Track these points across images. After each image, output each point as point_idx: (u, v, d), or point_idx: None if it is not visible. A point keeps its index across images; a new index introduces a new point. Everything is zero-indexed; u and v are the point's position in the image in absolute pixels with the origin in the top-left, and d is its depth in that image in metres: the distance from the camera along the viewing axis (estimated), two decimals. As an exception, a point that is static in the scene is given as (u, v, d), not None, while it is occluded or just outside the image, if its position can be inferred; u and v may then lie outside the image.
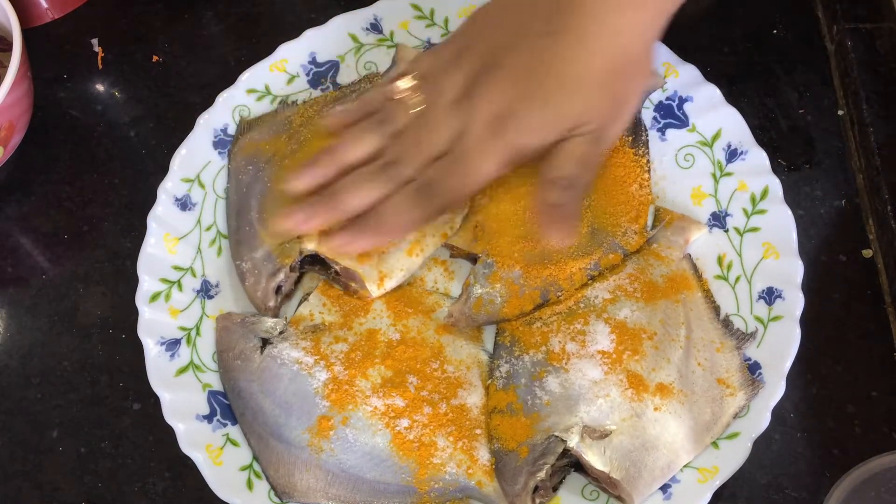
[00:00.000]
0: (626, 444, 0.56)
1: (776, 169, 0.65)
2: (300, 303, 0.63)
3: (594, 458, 0.55)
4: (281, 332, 0.61)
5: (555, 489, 0.57)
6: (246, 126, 0.68)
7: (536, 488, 0.56)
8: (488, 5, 0.58)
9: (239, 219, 0.65)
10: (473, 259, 0.63)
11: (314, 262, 0.63)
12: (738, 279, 0.63)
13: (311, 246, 0.61)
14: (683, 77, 0.68)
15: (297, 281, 0.64)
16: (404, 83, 0.58)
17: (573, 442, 0.56)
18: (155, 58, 0.77)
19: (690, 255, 0.63)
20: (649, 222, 0.64)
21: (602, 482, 0.57)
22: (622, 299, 0.60)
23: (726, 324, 0.61)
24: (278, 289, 0.62)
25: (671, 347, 0.59)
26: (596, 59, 0.54)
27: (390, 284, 0.62)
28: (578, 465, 0.57)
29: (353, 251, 0.60)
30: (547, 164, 0.56)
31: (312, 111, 0.68)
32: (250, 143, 0.67)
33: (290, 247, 0.62)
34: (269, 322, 0.62)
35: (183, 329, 0.63)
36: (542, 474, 0.55)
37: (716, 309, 0.61)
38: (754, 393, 0.58)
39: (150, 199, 0.65)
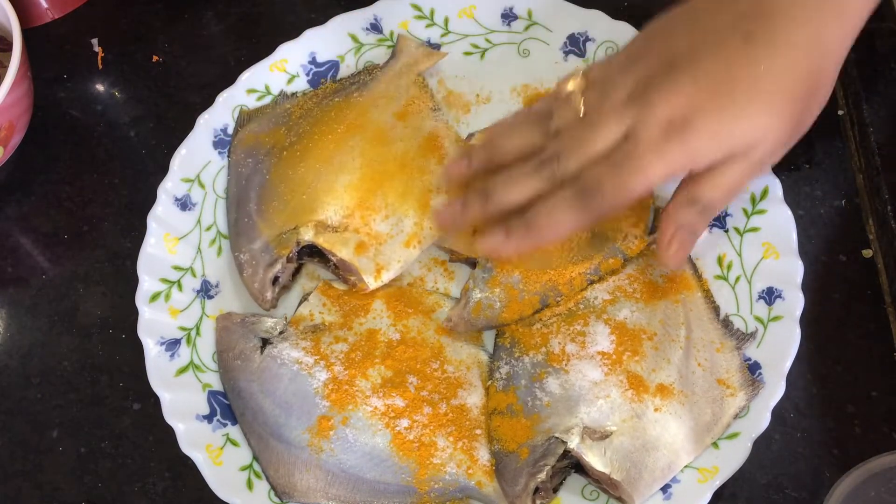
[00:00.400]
0: (627, 445, 0.56)
1: (776, 169, 0.64)
2: (300, 303, 0.63)
3: (595, 459, 0.55)
4: (281, 332, 0.61)
5: (555, 490, 0.57)
6: (245, 118, 0.68)
7: (537, 489, 0.55)
8: (671, 12, 0.54)
9: (238, 210, 0.65)
10: (472, 263, 0.63)
11: (312, 253, 0.63)
12: (738, 279, 0.63)
13: (308, 236, 0.61)
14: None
15: (296, 272, 0.64)
16: (571, 84, 0.55)
17: (573, 443, 0.56)
18: (155, 58, 0.77)
19: (690, 256, 0.63)
20: (650, 223, 0.64)
21: (603, 483, 0.57)
22: (622, 300, 0.60)
23: (726, 324, 0.61)
24: (275, 280, 0.63)
25: (671, 348, 0.59)
26: (792, 74, 0.50)
27: (387, 276, 0.62)
28: (579, 467, 0.57)
29: (506, 252, 0.56)
30: (695, 183, 0.53)
31: (312, 103, 0.68)
32: (250, 135, 0.67)
33: (288, 237, 0.62)
34: (269, 322, 0.62)
35: (183, 329, 0.63)
36: (542, 475, 0.55)
37: (716, 309, 0.61)
38: (754, 393, 0.58)
39: (150, 199, 0.65)
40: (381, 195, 0.63)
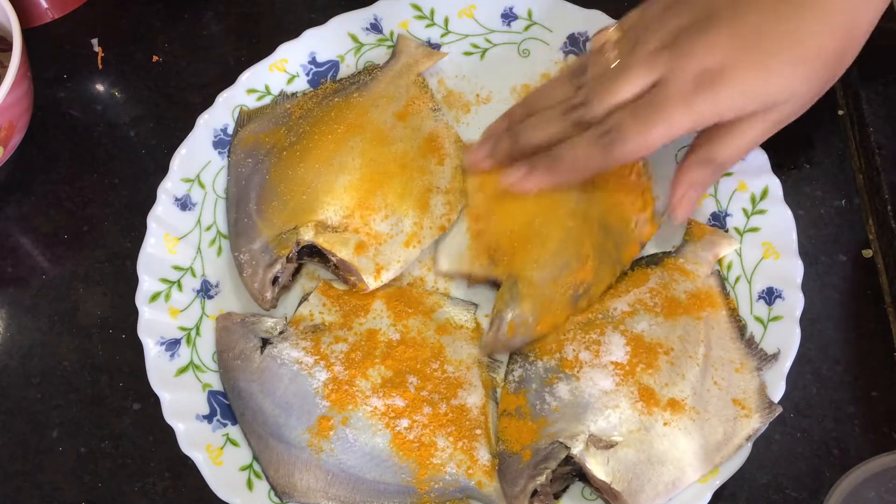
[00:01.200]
0: (632, 457, 0.55)
1: (776, 169, 0.65)
2: (300, 303, 0.63)
3: (597, 467, 0.55)
4: (281, 332, 0.61)
5: (556, 496, 0.57)
6: (245, 118, 0.68)
7: (535, 492, 0.55)
8: None
9: (238, 210, 0.65)
10: (495, 284, 0.62)
11: (312, 253, 0.63)
12: (738, 279, 0.63)
13: (308, 236, 0.61)
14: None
15: (296, 273, 0.64)
16: (605, 36, 0.55)
17: (577, 449, 0.55)
18: (155, 58, 0.77)
19: (719, 272, 0.63)
20: (660, 205, 0.64)
21: (604, 493, 0.56)
22: (641, 312, 0.60)
23: (749, 343, 0.60)
24: (275, 280, 0.62)
25: (687, 364, 0.58)
26: (833, 38, 0.51)
27: (387, 276, 0.62)
28: (582, 475, 0.57)
29: (527, 188, 0.57)
30: (710, 142, 0.53)
31: (312, 103, 0.68)
32: (250, 135, 0.67)
33: (287, 237, 0.62)
34: (269, 322, 0.62)
35: (183, 329, 0.63)
36: (542, 478, 0.55)
37: (741, 329, 0.60)
38: (770, 416, 0.57)
39: (150, 199, 0.65)
40: (380, 195, 0.63)
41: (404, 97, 0.67)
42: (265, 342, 0.61)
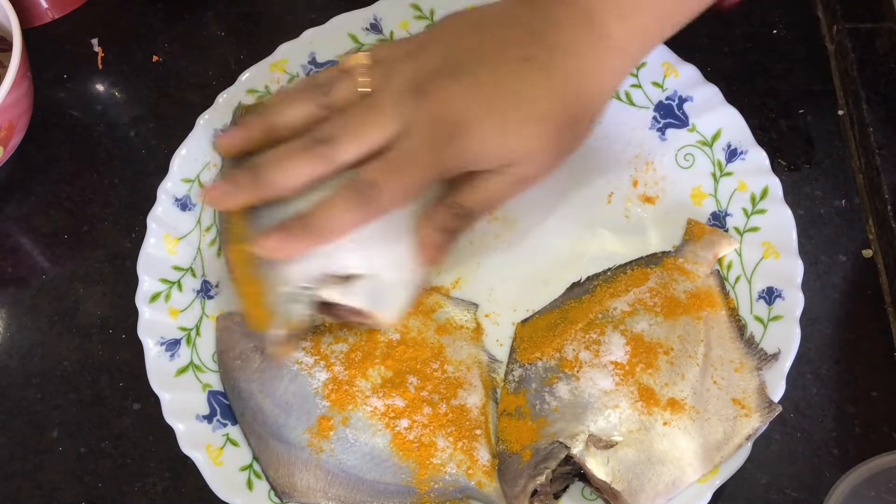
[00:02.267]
0: (632, 457, 0.55)
1: (776, 169, 0.65)
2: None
3: (597, 467, 0.55)
4: (281, 333, 0.61)
5: (556, 496, 0.57)
6: (243, 112, 0.68)
7: (535, 492, 0.55)
8: (462, 13, 0.56)
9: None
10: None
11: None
12: (737, 279, 0.63)
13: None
14: (683, 77, 0.68)
15: None
16: (356, 60, 0.55)
17: (577, 449, 0.55)
18: (155, 58, 0.77)
19: (719, 272, 0.63)
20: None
21: (604, 493, 0.56)
22: (641, 312, 0.60)
23: (749, 343, 0.60)
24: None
25: (687, 364, 0.58)
26: (562, 102, 0.53)
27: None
28: (582, 474, 0.57)
29: (286, 255, 0.54)
30: (458, 189, 0.55)
31: None
32: None
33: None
34: (270, 322, 0.62)
35: (183, 329, 0.63)
36: (542, 478, 0.55)
37: (740, 328, 0.60)
38: (770, 416, 0.57)
39: (150, 199, 0.65)
40: None
41: None
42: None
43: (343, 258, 0.55)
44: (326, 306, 0.58)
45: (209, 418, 0.60)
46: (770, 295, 0.61)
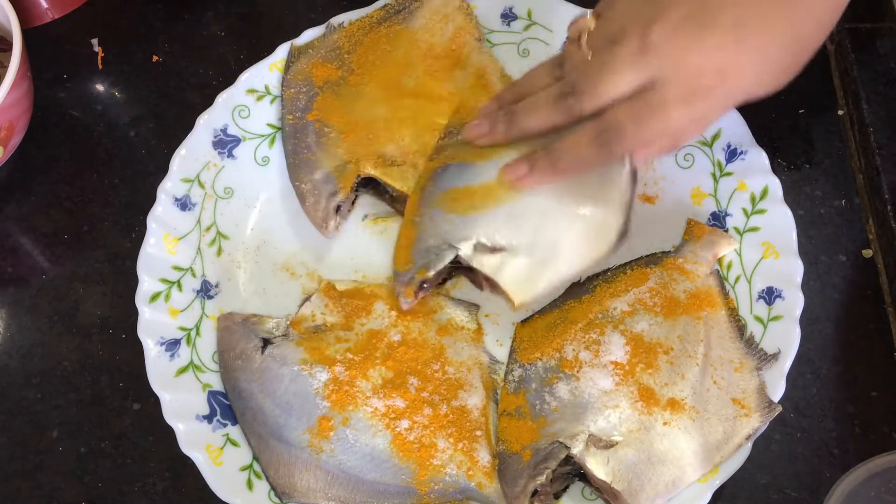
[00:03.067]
0: (632, 457, 0.55)
1: (776, 169, 0.65)
2: (302, 303, 0.63)
3: (597, 467, 0.55)
4: (282, 333, 0.61)
5: (557, 496, 0.57)
6: (297, 53, 0.69)
7: (536, 492, 0.55)
8: None
9: (296, 142, 0.66)
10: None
11: (368, 184, 0.66)
12: (737, 279, 0.63)
13: (368, 169, 0.63)
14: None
15: (353, 201, 0.67)
16: (582, 25, 0.55)
17: (577, 449, 0.55)
18: (155, 58, 0.77)
19: (718, 272, 0.63)
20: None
21: (604, 492, 0.56)
22: (641, 312, 0.60)
23: (749, 343, 0.60)
24: (338, 208, 0.64)
25: (687, 364, 0.58)
26: (801, 43, 0.52)
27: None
28: (582, 474, 0.57)
29: (528, 185, 0.58)
30: (631, 111, 0.53)
31: (360, 34, 0.69)
32: (301, 70, 0.68)
33: (349, 169, 0.64)
34: (271, 322, 0.62)
35: (183, 329, 0.63)
36: (542, 478, 0.55)
37: (740, 328, 0.61)
38: (770, 416, 0.57)
39: (150, 199, 0.65)
40: (435, 133, 0.65)
41: (451, 26, 0.69)
42: (266, 342, 0.61)
43: (500, 228, 0.58)
44: (466, 269, 0.60)
45: (209, 418, 0.60)
46: (770, 295, 0.61)
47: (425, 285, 0.60)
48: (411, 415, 0.58)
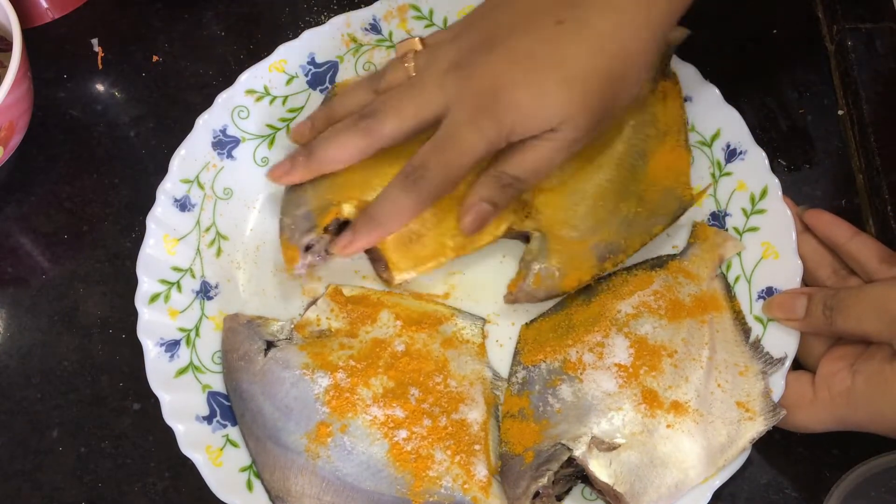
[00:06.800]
0: (634, 460, 0.55)
1: (776, 169, 0.65)
2: (308, 307, 0.63)
3: (599, 469, 0.55)
4: (286, 336, 0.61)
5: (559, 498, 0.57)
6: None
7: (538, 494, 0.55)
8: None
9: None
10: (525, 238, 0.63)
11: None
12: (737, 279, 0.63)
13: (348, 212, 0.62)
14: (683, 77, 0.67)
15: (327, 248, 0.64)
16: (407, 46, 0.58)
17: (579, 451, 0.55)
18: (155, 58, 0.76)
19: (724, 275, 0.63)
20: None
21: (606, 495, 0.56)
22: (645, 315, 0.60)
23: (755, 347, 0.60)
24: (308, 247, 0.62)
25: (691, 367, 0.58)
26: (597, 60, 0.53)
27: (412, 275, 0.61)
28: (585, 477, 0.57)
29: (356, 250, 0.59)
30: (502, 158, 0.56)
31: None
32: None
33: (330, 210, 0.62)
34: (276, 325, 0.62)
35: (182, 330, 0.63)
36: (544, 480, 0.55)
37: (746, 332, 0.60)
38: (775, 419, 0.57)
39: (150, 199, 0.65)
40: None
41: None
42: (270, 345, 0.61)
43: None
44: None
45: (209, 419, 0.60)
46: (770, 295, 0.61)
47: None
48: (410, 425, 0.58)
